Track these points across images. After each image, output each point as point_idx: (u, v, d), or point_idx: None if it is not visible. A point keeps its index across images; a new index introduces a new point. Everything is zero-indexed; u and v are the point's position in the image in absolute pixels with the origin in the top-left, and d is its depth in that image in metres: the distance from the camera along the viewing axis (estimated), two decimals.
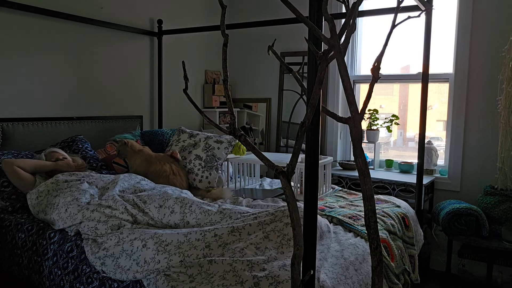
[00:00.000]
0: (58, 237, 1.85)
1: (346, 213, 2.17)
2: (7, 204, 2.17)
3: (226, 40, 1.06)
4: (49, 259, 1.82)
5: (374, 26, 3.51)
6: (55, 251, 1.81)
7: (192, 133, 3.03)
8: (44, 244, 1.87)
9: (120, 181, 2.16)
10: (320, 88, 0.95)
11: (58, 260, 1.78)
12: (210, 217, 1.85)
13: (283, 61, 1.16)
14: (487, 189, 2.77)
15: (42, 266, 1.85)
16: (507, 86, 2.63)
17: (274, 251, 1.58)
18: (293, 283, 1.01)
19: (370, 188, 0.93)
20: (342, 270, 1.62)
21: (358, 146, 0.93)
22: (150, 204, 1.92)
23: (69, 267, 1.73)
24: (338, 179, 3.23)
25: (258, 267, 1.44)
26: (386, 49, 0.97)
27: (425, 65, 2.47)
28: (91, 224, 1.79)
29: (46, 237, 1.88)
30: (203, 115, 1.11)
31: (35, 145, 2.58)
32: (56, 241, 1.84)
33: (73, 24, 2.83)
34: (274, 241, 1.63)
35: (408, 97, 3.68)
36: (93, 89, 3.01)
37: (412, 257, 2.22)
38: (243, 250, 1.55)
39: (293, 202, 1.00)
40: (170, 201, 1.91)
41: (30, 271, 1.92)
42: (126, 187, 2.15)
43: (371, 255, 0.95)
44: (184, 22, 3.62)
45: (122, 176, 2.23)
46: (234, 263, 1.45)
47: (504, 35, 2.76)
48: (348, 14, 0.92)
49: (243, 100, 4.12)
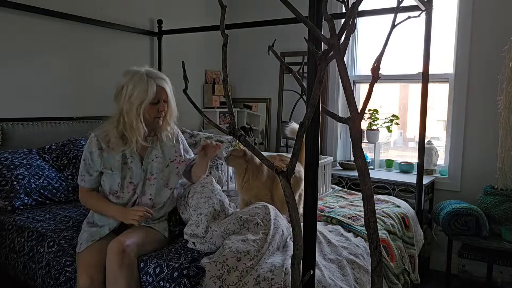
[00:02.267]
0: (57, 247, 1.83)
1: (346, 213, 2.17)
2: (6, 203, 2.17)
3: (226, 40, 1.06)
4: (43, 268, 1.82)
5: (375, 26, 3.51)
6: (49, 260, 1.80)
7: (192, 133, 3.03)
8: (41, 251, 1.86)
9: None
10: (320, 88, 0.95)
11: (50, 270, 1.78)
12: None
13: (283, 61, 1.16)
14: (487, 189, 2.77)
15: (36, 274, 1.85)
16: (507, 86, 2.63)
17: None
18: (293, 283, 1.01)
19: (370, 188, 0.93)
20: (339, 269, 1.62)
21: (358, 146, 0.93)
22: None
23: (61, 278, 1.74)
24: (338, 179, 3.23)
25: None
26: (386, 49, 0.97)
27: (425, 65, 2.47)
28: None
29: (44, 245, 1.86)
30: (203, 115, 1.11)
31: (35, 145, 2.57)
32: (53, 251, 1.82)
33: (73, 24, 2.83)
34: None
35: (408, 97, 3.68)
36: (93, 89, 3.01)
37: (412, 257, 2.22)
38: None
39: (293, 202, 1.00)
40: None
41: (25, 277, 1.91)
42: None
43: (371, 255, 0.95)
44: (184, 22, 3.61)
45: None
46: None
47: (504, 35, 2.76)
48: (347, 14, 0.92)
49: (243, 100, 4.12)
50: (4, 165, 2.24)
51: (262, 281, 1.44)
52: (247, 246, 1.59)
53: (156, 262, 1.60)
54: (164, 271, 1.55)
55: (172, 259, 1.62)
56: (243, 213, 1.79)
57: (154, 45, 3.46)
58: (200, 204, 1.84)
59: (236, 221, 1.74)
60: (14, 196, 2.18)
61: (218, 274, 1.48)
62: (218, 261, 1.52)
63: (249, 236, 1.67)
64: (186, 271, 1.50)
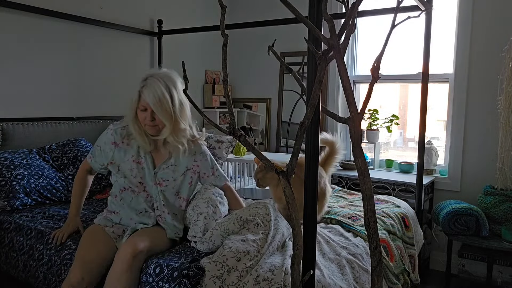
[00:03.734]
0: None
1: (346, 213, 2.17)
2: (5, 204, 2.16)
3: (226, 40, 1.06)
4: (44, 264, 1.82)
5: (375, 26, 3.51)
6: (50, 256, 1.81)
7: None
8: (41, 249, 1.86)
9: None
10: (320, 88, 0.95)
11: (52, 266, 1.79)
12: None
13: (283, 61, 1.16)
14: (487, 189, 2.77)
15: (37, 271, 1.85)
16: (507, 86, 2.63)
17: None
18: (293, 283, 1.01)
19: (369, 188, 0.93)
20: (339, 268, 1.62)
21: (358, 146, 0.93)
22: None
23: (63, 275, 1.74)
24: (338, 179, 3.23)
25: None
26: (386, 49, 0.97)
27: (425, 65, 2.47)
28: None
29: (44, 242, 1.86)
30: (203, 115, 1.11)
31: (35, 145, 2.58)
32: (53, 246, 1.82)
33: (73, 24, 2.83)
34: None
35: (408, 97, 3.68)
36: (93, 89, 3.01)
37: (412, 257, 2.21)
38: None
39: (293, 202, 1.00)
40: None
41: (27, 275, 1.92)
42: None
43: (371, 255, 0.95)
44: (184, 22, 3.61)
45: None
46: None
47: (504, 35, 2.76)
48: (347, 14, 0.92)
49: (243, 100, 4.12)
50: (4, 165, 2.24)
51: (262, 281, 1.44)
52: (247, 246, 1.59)
53: (157, 262, 1.60)
54: (164, 271, 1.55)
55: (172, 259, 1.62)
56: (243, 213, 1.79)
57: (154, 45, 3.46)
58: (200, 203, 1.84)
59: (236, 221, 1.74)
60: (14, 196, 2.18)
61: (218, 274, 1.48)
62: (218, 261, 1.52)
63: (249, 236, 1.67)
64: (186, 272, 1.50)
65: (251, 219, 1.75)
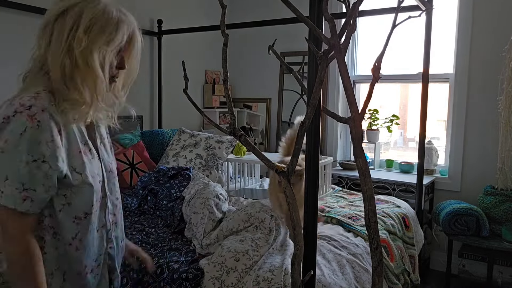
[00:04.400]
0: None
1: (346, 213, 2.17)
2: None
3: (226, 40, 1.06)
4: None
5: (375, 26, 3.50)
6: None
7: (193, 133, 3.03)
8: None
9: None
10: (320, 88, 0.95)
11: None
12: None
13: (284, 61, 1.16)
14: (488, 189, 2.76)
15: None
16: (507, 86, 2.63)
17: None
18: (293, 283, 1.01)
19: (370, 188, 0.92)
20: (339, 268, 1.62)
21: (359, 146, 0.93)
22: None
23: None
24: (338, 179, 3.23)
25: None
26: (386, 49, 0.97)
27: (425, 65, 2.47)
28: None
29: None
30: (203, 115, 1.11)
31: None
32: None
33: None
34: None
35: (408, 97, 3.67)
36: None
37: (412, 257, 2.21)
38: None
39: (293, 202, 0.99)
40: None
41: None
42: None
43: (371, 255, 0.94)
44: (184, 22, 3.61)
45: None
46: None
47: (504, 35, 2.75)
48: (348, 14, 0.92)
49: (243, 100, 4.12)
50: None
51: (262, 281, 1.43)
52: (245, 246, 1.59)
53: (157, 262, 1.60)
54: (165, 273, 1.55)
55: (173, 259, 1.62)
56: (243, 214, 1.79)
57: (154, 45, 3.46)
58: (197, 204, 1.84)
59: (236, 221, 1.74)
60: None
61: (217, 275, 1.48)
62: (216, 262, 1.52)
63: (247, 236, 1.66)
64: (185, 274, 1.49)
65: (251, 220, 1.75)
